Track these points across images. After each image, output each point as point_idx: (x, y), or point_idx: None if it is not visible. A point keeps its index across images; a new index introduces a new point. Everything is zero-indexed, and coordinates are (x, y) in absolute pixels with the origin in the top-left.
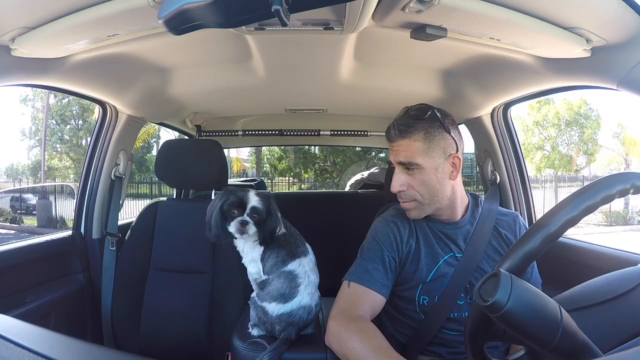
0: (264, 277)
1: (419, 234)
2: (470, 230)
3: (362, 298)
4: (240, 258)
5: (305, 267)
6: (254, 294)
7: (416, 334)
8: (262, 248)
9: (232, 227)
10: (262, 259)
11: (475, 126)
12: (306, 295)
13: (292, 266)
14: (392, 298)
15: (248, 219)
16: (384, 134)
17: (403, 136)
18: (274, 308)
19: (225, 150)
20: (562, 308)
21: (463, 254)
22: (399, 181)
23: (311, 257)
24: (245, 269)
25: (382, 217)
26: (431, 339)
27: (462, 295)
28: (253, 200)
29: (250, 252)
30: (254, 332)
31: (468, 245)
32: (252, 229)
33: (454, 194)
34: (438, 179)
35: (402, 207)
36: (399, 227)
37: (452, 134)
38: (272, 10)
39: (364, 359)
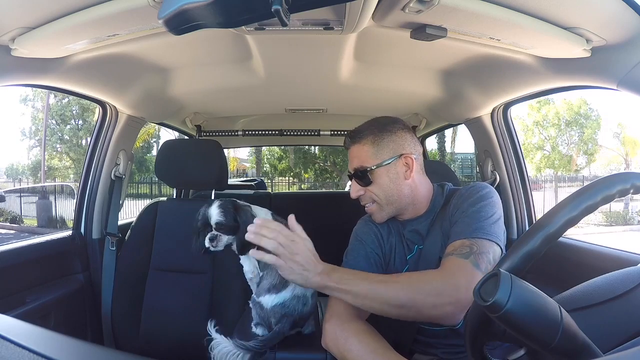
0: (261, 274)
1: (395, 234)
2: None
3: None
4: (239, 258)
5: None
6: (254, 294)
7: (400, 332)
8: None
9: (207, 243)
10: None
11: (475, 126)
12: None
13: None
14: None
15: (216, 232)
16: None
17: (353, 141)
18: (267, 300)
19: (225, 150)
20: (562, 308)
21: (423, 246)
22: (355, 187)
23: None
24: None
25: (362, 218)
26: (418, 337)
27: None
28: (214, 214)
29: None
30: (258, 331)
31: (427, 236)
32: (222, 240)
33: (413, 192)
34: (391, 179)
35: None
36: (377, 226)
37: (401, 135)
38: (272, 10)
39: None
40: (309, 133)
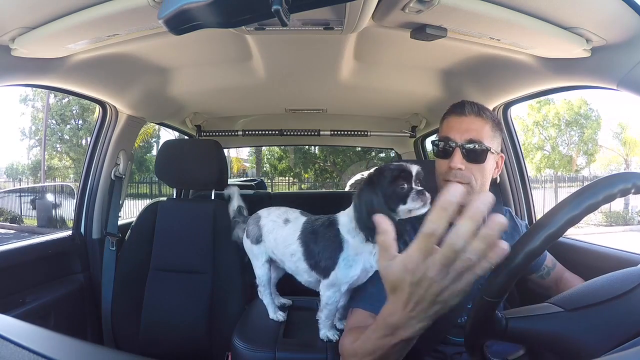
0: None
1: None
2: None
3: (365, 322)
4: (241, 257)
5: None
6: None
7: (425, 338)
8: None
9: None
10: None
11: None
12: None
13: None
14: None
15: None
16: (384, 133)
17: (477, 113)
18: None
19: (225, 150)
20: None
21: None
22: (460, 158)
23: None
24: (245, 268)
25: None
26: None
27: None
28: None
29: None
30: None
31: None
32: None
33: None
34: (491, 169)
35: None
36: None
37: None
38: (272, 10)
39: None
40: (309, 133)
